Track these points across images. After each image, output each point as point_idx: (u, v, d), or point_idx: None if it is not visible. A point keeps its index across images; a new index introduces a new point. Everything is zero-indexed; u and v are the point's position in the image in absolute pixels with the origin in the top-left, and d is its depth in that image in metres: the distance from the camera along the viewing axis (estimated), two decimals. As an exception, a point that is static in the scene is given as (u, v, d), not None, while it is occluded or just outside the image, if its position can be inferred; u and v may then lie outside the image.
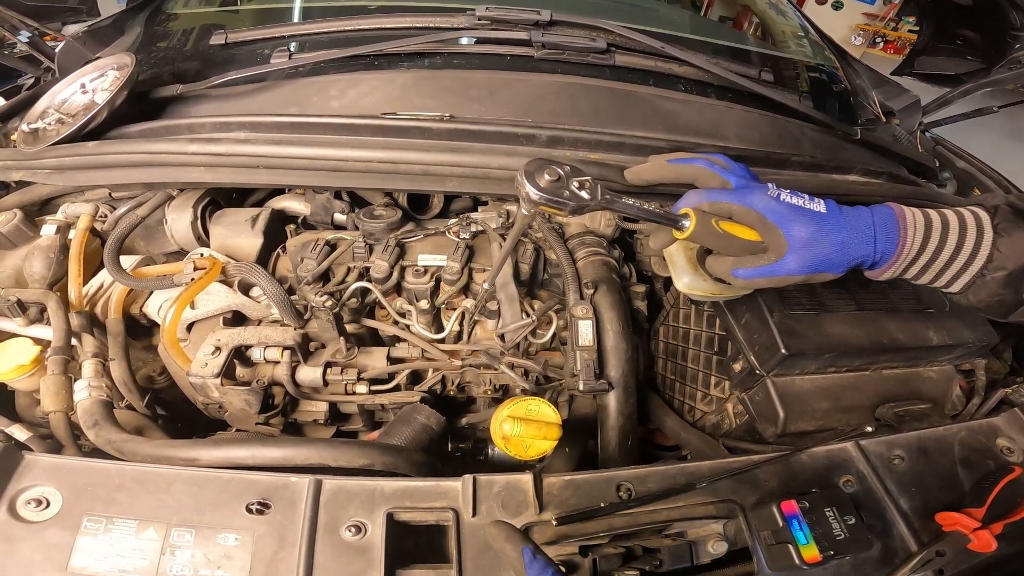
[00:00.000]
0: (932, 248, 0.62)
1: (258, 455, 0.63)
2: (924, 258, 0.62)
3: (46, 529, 0.56)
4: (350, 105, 0.89)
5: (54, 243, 0.90)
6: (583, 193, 0.58)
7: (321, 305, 0.81)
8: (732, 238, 0.62)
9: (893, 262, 0.63)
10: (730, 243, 0.62)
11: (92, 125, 0.81)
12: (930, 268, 0.63)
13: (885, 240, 0.62)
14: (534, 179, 0.56)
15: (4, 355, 0.80)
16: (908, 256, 0.63)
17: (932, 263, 0.63)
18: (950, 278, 0.63)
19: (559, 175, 0.57)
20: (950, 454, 0.74)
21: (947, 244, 0.62)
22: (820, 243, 0.60)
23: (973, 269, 0.61)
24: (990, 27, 1.33)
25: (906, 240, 0.62)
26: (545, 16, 1.03)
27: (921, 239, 0.62)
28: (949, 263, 0.62)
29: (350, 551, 0.56)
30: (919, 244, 0.62)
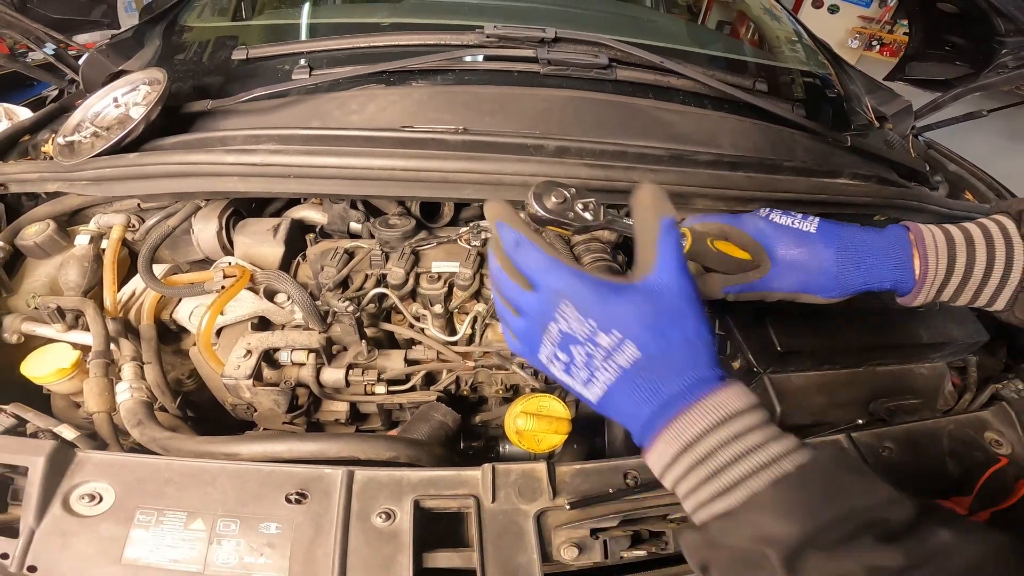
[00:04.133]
0: (962, 267, 0.59)
1: (295, 449, 0.67)
2: (956, 279, 0.59)
3: (100, 523, 0.60)
4: (369, 119, 0.94)
5: (88, 252, 0.95)
6: (587, 214, 0.61)
7: (344, 310, 0.86)
8: (725, 256, 0.66)
9: (920, 287, 0.60)
10: (722, 261, 0.66)
11: (130, 139, 0.87)
12: (965, 288, 0.60)
13: (895, 265, 0.60)
14: (542, 200, 0.59)
15: (44, 360, 0.85)
16: (937, 279, 0.59)
17: (966, 283, 0.59)
18: (990, 296, 0.59)
19: (565, 197, 0.60)
20: (939, 446, 0.79)
21: (977, 261, 0.58)
22: (805, 263, 0.61)
23: (1012, 282, 0.58)
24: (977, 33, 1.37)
25: (928, 262, 0.59)
26: (550, 34, 1.08)
27: (947, 259, 0.59)
28: (985, 280, 0.59)
29: (381, 537, 0.61)
30: (945, 264, 0.59)
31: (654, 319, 0.47)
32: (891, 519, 0.39)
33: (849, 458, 0.46)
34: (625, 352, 0.47)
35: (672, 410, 0.46)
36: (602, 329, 0.48)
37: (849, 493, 0.41)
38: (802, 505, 0.41)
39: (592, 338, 0.48)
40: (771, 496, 0.41)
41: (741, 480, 0.43)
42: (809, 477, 0.42)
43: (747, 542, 0.41)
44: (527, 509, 0.63)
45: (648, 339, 0.47)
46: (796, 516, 0.40)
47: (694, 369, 0.47)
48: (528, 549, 0.61)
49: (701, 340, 0.48)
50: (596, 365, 0.48)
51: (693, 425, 0.45)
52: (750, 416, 0.45)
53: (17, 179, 0.93)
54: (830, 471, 0.42)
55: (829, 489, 0.41)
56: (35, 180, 0.92)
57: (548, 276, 0.49)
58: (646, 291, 0.48)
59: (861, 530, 0.39)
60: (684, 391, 0.46)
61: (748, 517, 0.42)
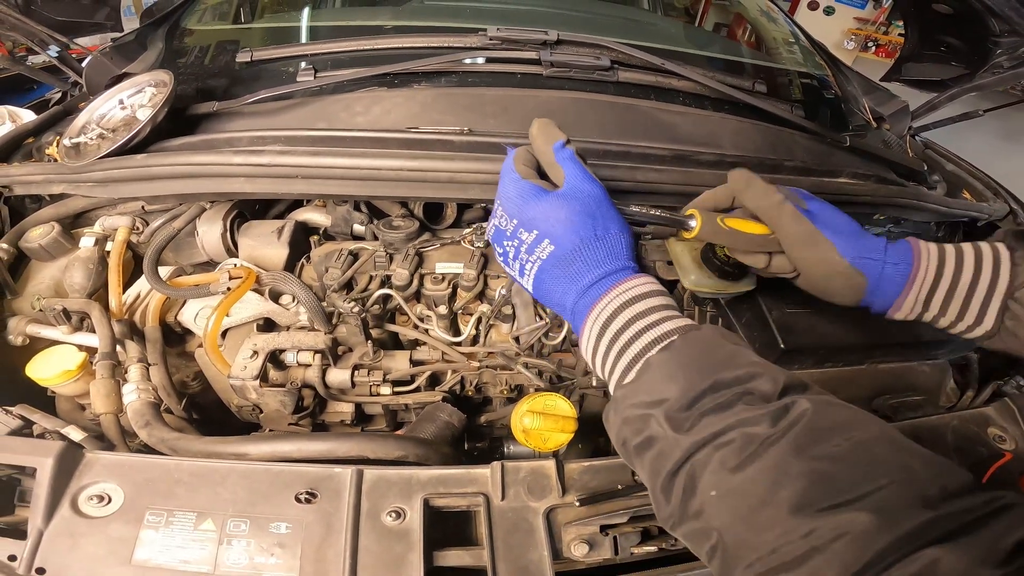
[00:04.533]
0: (950, 274, 0.60)
1: (304, 448, 0.68)
2: (944, 285, 0.60)
3: (109, 524, 0.60)
4: (375, 121, 0.95)
5: (93, 255, 0.95)
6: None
7: (350, 311, 0.86)
8: (739, 234, 0.65)
9: (908, 289, 0.61)
10: (737, 239, 0.65)
11: (136, 140, 0.87)
12: (952, 300, 0.60)
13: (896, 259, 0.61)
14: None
15: (50, 361, 0.85)
16: (925, 283, 0.61)
17: (953, 293, 0.60)
18: (976, 313, 0.60)
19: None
20: (944, 442, 0.79)
21: (964, 270, 0.60)
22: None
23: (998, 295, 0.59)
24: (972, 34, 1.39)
25: (920, 262, 0.61)
26: (552, 36, 1.09)
27: (936, 263, 0.61)
28: (971, 291, 0.60)
29: (391, 535, 0.61)
30: (935, 269, 0.60)
31: (567, 219, 0.55)
32: (758, 390, 0.45)
33: (728, 333, 0.51)
34: (543, 247, 0.55)
35: (593, 296, 0.53)
36: (522, 226, 0.56)
37: (724, 362, 0.47)
38: (684, 368, 0.46)
39: (516, 234, 0.56)
40: (661, 361, 0.48)
41: (641, 352, 0.49)
42: (692, 345, 0.48)
43: (641, 405, 0.47)
44: (537, 506, 0.64)
45: (561, 235, 0.54)
46: (678, 379, 0.46)
47: (608, 262, 0.54)
48: (538, 546, 0.61)
49: (611, 237, 0.55)
50: (523, 258, 0.57)
51: (606, 308, 0.52)
52: (653, 299, 0.52)
53: (22, 181, 0.93)
54: (711, 340, 0.48)
55: (708, 356, 0.47)
56: (40, 182, 0.92)
57: (501, 179, 0.59)
58: (560, 196, 0.56)
59: (735, 397, 0.44)
60: (599, 279, 0.53)
61: (643, 383, 0.48)
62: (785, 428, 0.41)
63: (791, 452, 0.40)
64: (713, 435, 0.43)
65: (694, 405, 0.45)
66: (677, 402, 0.45)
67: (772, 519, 0.38)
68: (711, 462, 0.42)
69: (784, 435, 0.41)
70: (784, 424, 0.41)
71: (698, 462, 0.43)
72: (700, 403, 0.44)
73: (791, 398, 0.44)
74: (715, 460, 0.42)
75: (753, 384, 0.45)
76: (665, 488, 0.45)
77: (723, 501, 0.41)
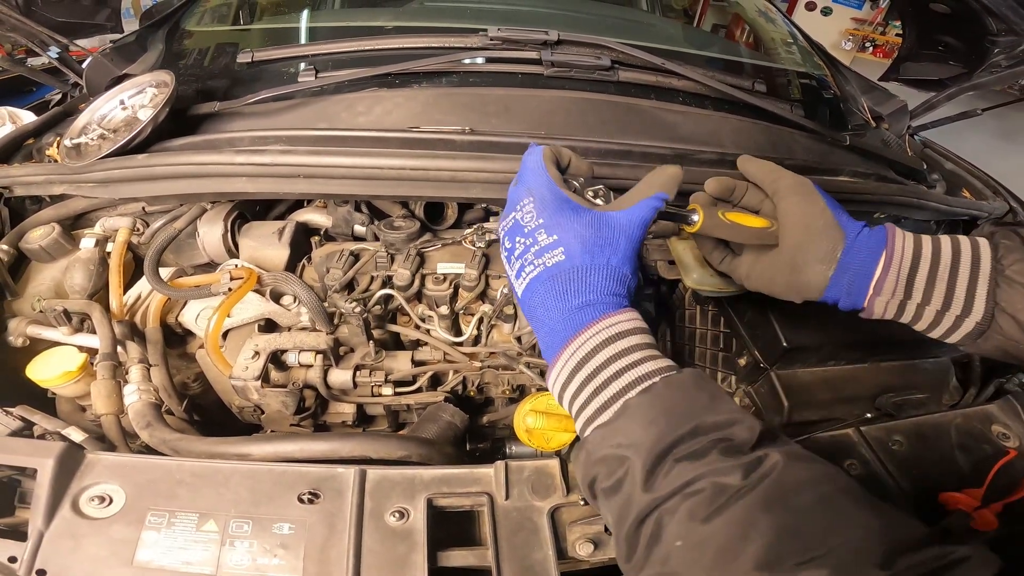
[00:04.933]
0: (928, 254, 0.59)
1: (306, 449, 0.67)
2: (924, 265, 0.59)
3: (110, 525, 0.59)
4: (376, 121, 0.94)
5: (93, 256, 0.95)
6: (598, 201, 0.62)
7: (352, 311, 0.86)
8: (740, 227, 0.65)
9: (888, 268, 0.59)
10: (738, 232, 0.66)
11: (138, 140, 0.87)
12: (936, 282, 0.58)
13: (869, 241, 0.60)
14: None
15: (50, 362, 0.84)
16: (904, 261, 0.59)
17: (935, 273, 0.58)
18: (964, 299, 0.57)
19: (575, 188, 0.60)
20: (947, 439, 0.79)
21: (943, 252, 0.58)
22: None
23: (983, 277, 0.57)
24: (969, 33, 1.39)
25: (895, 241, 0.60)
26: (553, 36, 1.09)
27: (913, 243, 0.59)
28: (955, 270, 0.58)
29: (394, 536, 0.60)
30: (912, 248, 0.59)
31: (591, 239, 0.54)
32: (736, 437, 0.44)
33: (707, 377, 0.50)
34: (554, 254, 0.54)
35: (573, 326, 0.52)
36: (545, 228, 0.55)
37: (703, 408, 0.46)
38: (664, 413, 0.46)
39: (534, 233, 0.55)
40: (640, 404, 0.46)
41: (619, 393, 0.48)
42: (673, 389, 0.47)
43: (616, 448, 0.46)
44: (541, 506, 0.63)
45: (576, 251, 0.53)
46: (658, 423, 0.45)
47: (603, 292, 0.53)
48: (543, 546, 0.60)
49: (619, 272, 0.54)
50: (528, 258, 0.55)
51: (587, 343, 0.50)
52: (634, 336, 0.50)
53: (22, 182, 0.93)
54: (690, 385, 0.48)
55: (687, 402, 0.46)
56: (40, 183, 0.92)
57: (531, 175, 0.58)
58: (599, 217, 0.55)
59: (711, 444, 0.44)
60: (584, 306, 0.52)
61: (620, 425, 0.47)
62: (756, 481, 0.41)
63: (760, 506, 0.40)
64: (684, 484, 0.42)
65: (671, 451, 0.44)
66: (655, 447, 0.44)
67: (737, 574, 0.38)
68: (679, 511, 0.42)
69: (754, 488, 0.41)
70: (755, 477, 0.41)
71: (666, 510, 0.43)
72: (677, 449, 0.44)
73: (764, 450, 0.43)
74: (683, 510, 0.42)
75: (731, 431, 0.44)
76: (630, 536, 0.44)
77: (689, 552, 0.41)
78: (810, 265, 0.62)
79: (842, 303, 0.63)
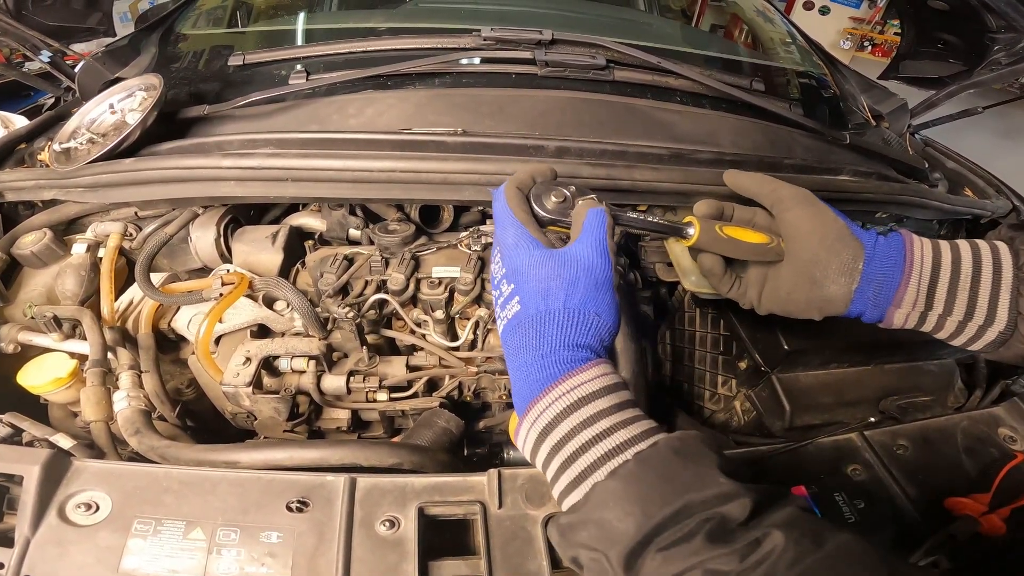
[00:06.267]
0: (948, 262, 0.56)
1: (296, 456, 0.66)
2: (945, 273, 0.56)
3: (97, 532, 0.58)
4: (368, 123, 0.94)
5: (85, 261, 0.94)
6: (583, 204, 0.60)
7: (344, 316, 0.85)
8: (738, 242, 0.64)
9: (908, 277, 0.57)
10: (736, 247, 0.64)
11: (125, 144, 0.86)
12: (957, 291, 0.56)
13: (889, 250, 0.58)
14: (541, 201, 0.58)
15: (41, 369, 0.84)
16: (924, 270, 0.57)
17: (956, 282, 0.56)
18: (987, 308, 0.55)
19: (565, 196, 0.58)
20: (953, 443, 0.77)
21: (963, 259, 0.56)
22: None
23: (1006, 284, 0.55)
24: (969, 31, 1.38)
25: (913, 249, 0.57)
26: (547, 36, 1.08)
27: (932, 251, 0.57)
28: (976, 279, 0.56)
29: (385, 545, 0.59)
30: (931, 255, 0.57)
31: (546, 282, 0.49)
32: (727, 515, 0.39)
33: (690, 444, 0.44)
34: (512, 304, 0.50)
35: (532, 387, 0.47)
36: (506, 277, 0.51)
37: (685, 486, 0.41)
38: (639, 500, 0.40)
39: (499, 284, 0.52)
40: (610, 490, 0.41)
41: (586, 471, 0.43)
42: (647, 468, 0.42)
43: (591, 541, 0.42)
44: (535, 515, 0.62)
45: (531, 299, 0.49)
46: (633, 512, 0.40)
47: (561, 344, 0.47)
48: (537, 556, 0.59)
49: (582, 315, 0.48)
50: (498, 311, 0.52)
51: (548, 412, 0.45)
52: (602, 400, 0.45)
53: (13, 187, 0.92)
54: (669, 460, 0.42)
55: (666, 481, 0.41)
56: (31, 188, 0.91)
57: (497, 222, 0.55)
58: (554, 256, 0.50)
59: (697, 528, 0.39)
60: (543, 363, 0.47)
61: (590, 512, 0.42)
62: (754, 565, 0.37)
63: None
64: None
65: (652, 541, 0.39)
66: (631, 541, 0.39)
67: None
68: None
69: (752, 572, 0.37)
70: (753, 560, 0.37)
71: None
72: (659, 538, 0.39)
73: (762, 529, 0.39)
74: None
75: (720, 510, 0.39)
76: None
77: None
78: (831, 279, 0.59)
79: (867, 316, 0.60)
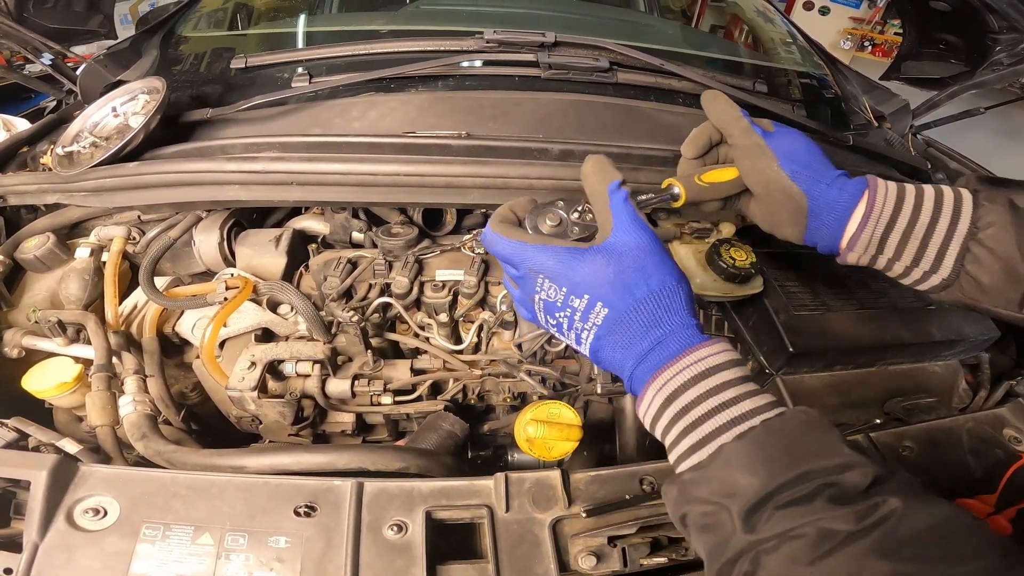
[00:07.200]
0: (908, 211, 0.58)
1: (302, 461, 0.66)
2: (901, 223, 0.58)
3: (105, 537, 0.58)
4: (371, 126, 0.93)
5: (88, 265, 0.94)
6: (589, 216, 0.59)
7: (349, 320, 0.85)
8: (717, 185, 0.66)
9: (864, 224, 0.58)
10: (719, 189, 0.66)
11: (129, 148, 0.86)
12: (909, 241, 0.58)
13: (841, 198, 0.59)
14: (538, 228, 0.57)
15: (46, 373, 0.84)
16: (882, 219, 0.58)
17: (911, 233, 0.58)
18: (933, 258, 0.58)
19: (560, 218, 0.58)
20: (959, 444, 0.77)
21: (923, 208, 0.57)
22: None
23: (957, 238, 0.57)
24: (970, 31, 1.38)
25: (876, 197, 0.58)
26: (550, 38, 1.08)
27: (895, 200, 0.58)
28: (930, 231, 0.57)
29: (393, 549, 0.59)
30: (893, 205, 0.58)
31: (617, 277, 0.50)
32: (847, 482, 0.40)
33: (816, 418, 0.45)
34: (597, 311, 0.50)
35: (653, 363, 0.49)
36: (572, 293, 0.51)
37: (810, 453, 0.42)
38: (764, 461, 0.42)
39: (567, 303, 0.52)
40: (737, 451, 0.43)
41: (712, 435, 0.45)
42: (774, 435, 0.43)
43: (712, 495, 0.43)
44: (542, 518, 0.62)
45: (614, 297, 0.50)
46: (757, 472, 0.41)
47: (666, 321, 0.49)
48: (545, 559, 0.59)
49: (667, 291, 0.50)
50: (578, 327, 0.52)
51: (673, 380, 0.47)
52: (727, 372, 0.47)
53: (16, 191, 0.92)
54: (795, 430, 0.44)
55: (792, 448, 0.42)
56: (34, 192, 0.91)
57: (519, 258, 0.54)
58: (606, 252, 0.51)
59: (817, 491, 0.40)
60: (659, 342, 0.49)
61: (715, 471, 0.44)
62: (870, 526, 0.38)
63: (875, 552, 0.37)
64: (785, 531, 0.39)
65: (772, 498, 0.41)
66: (755, 496, 0.41)
67: None
68: (779, 552, 0.39)
69: (869, 533, 0.37)
70: (870, 522, 0.38)
71: (764, 550, 0.40)
72: (779, 496, 0.40)
73: (879, 497, 0.39)
74: (784, 551, 0.39)
75: (841, 477, 0.41)
76: (722, 573, 0.42)
77: None
78: (783, 222, 0.64)
79: (820, 250, 0.65)
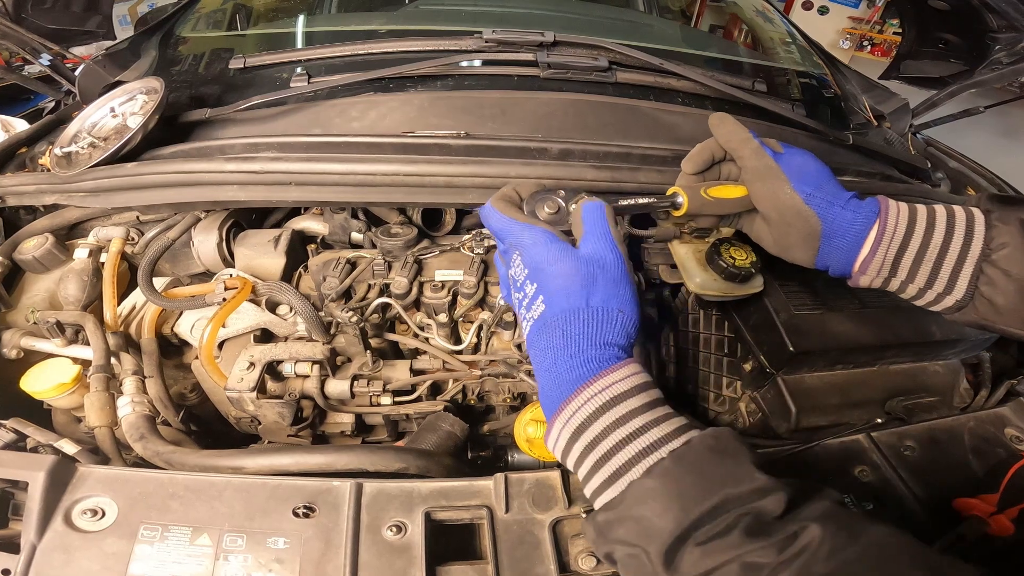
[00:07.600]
0: (920, 233, 0.57)
1: (301, 462, 0.66)
2: (914, 245, 0.57)
3: (103, 538, 0.58)
4: (370, 126, 0.93)
5: (87, 266, 0.94)
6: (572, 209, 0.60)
7: (348, 320, 0.85)
8: (723, 201, 0.66)
9: (877, 247, 0.58)
10: (724, 206, 0.66)
11: (127, 148, 0.85)
12: (922, 263, 0.57)
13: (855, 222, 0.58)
14: (535, 215, 0.58)
15: (44, 374, 0.83)
16: (894, 242, 0.58)
17: (923, 255, 0.57)
18: (947, 279, 0.57)
19: (559, 206, 0.58)
20: (960, 443, 0.77)
21: (936, 229, 0.57)
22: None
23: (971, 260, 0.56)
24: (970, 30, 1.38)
25: (888, 219, 0.58)
26: (549, 37, 1.08)
27: (907, 221, 0.58)
28: (943, 253, 0.57)
29: (392, 550, 0.59)
30: (905, 227, 0.57)
31: (566, 280, 0.49)
32: (762, 510, 0.40)
33: (724, 441, 0.44)
34: (537, 304, 0.50)
35: (564, 387, 0.47)
36: (530, 278, 0.51)
37: (721, 481, 0.41)
38: (677, 497, 0.41)
39: (523, 286, 0.52)
40: (647, 488, 0.42)
41: (622, 469, 0.43)
42: (683, 465, 0.42)
43: (628, 537, 0.42)
44: (542, 518, 0.62)
45: (555, 298, 0.49)
46: (671, 508, 0.40)
47: (589, 342, 0.48)
48: (545, 560, 0.59)
49: (605, 312, 0.49)
50: (523, 313, 0.52)
51: (579, 413, 0.46)
52: (634, 399, 0.46)
53: (14, 192, 0.92)
54: (704, 457, 0.43)
55: (702, 478, 0.41)
56: (32, 192, 0.91)
57: (506, 231, 0.54)
58: (572, 254, 0.51)
59: (734, 523, 0.39)
60: (572, 363, 0.47)
61: (627, 510, 0.42)
62: (792, 557, 0.37)
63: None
64: (708, 570, 0.39)
65: (689, 536, 0.40)
66: (671, 536, 0.40)
67: None
68: None
69: (790, 564, 0.37)
70: (791, 553, 0.37)
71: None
72: (696, 533, 0.40)
73: (799, 523, 0.39)
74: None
75: (757, 504, 0.40)
76: None
77: None
78: (794, 246, 0.63)
79: (832, 273, 0.64)
